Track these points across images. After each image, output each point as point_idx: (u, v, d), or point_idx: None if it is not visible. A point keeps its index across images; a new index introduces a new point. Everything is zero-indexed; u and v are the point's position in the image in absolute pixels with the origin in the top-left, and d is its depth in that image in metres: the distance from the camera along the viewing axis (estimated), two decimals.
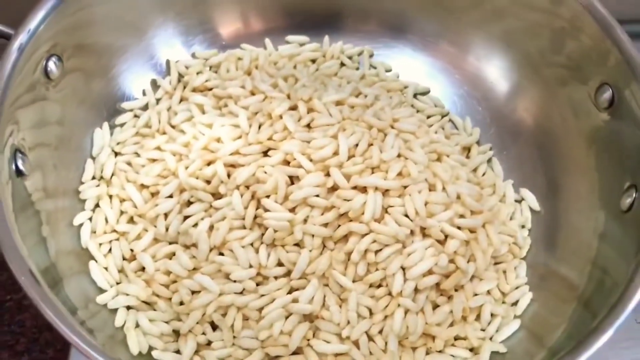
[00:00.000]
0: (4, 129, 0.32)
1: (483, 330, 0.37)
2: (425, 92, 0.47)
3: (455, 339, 0.37)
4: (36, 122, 0.36)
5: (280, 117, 0.40)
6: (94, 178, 0.40)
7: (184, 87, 0.45)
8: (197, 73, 0.45)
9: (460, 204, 0.38)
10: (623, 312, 0.32)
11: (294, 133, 0.39)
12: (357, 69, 0.47)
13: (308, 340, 0.36)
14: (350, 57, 0.48)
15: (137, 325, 0.36)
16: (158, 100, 0.44)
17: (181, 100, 0.44)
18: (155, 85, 0.45)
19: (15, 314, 0.46)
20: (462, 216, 0.38)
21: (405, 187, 0.38)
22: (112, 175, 0.40)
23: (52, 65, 0.37)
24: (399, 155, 0.39)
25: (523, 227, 0.42)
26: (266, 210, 0.37)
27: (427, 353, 0.36)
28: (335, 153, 0.38)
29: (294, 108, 0.41)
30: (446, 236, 0.37)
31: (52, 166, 0.37)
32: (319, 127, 0.40)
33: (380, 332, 0.36)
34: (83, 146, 0.41)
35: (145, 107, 0.44)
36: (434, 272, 0.36)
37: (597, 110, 0.39)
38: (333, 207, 0.37)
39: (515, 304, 0.39)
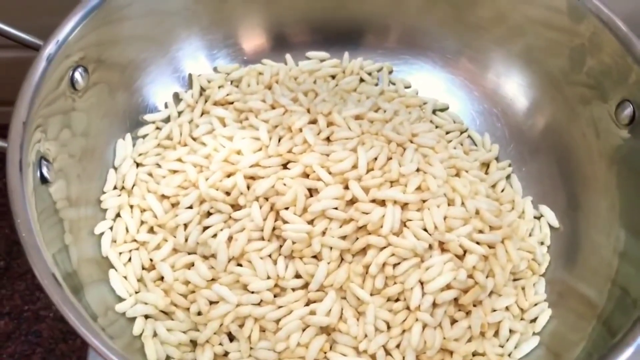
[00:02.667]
0: (31, 136, 0.33)
1: (501, 346, 0.37)
2: (444, 109, 0.47)
3: (474, 354, 0.37)
4: (62, 131, 0.37)
5: (300, 130, 0.40)
6: (115, 188, 0.41)
7: (206, 101, 0.45)
8: (219, 87, 0.45)
9: (479, 220, 0.38)
10: None
11: (314, 146, 0.39)
12: (376, 85, 0.48)
13: (325, 352, 0.35)
14: (369, 73, 0.48)
15: (155, 334, 0.36)
16: (180, 113, 0.45)
17: (202, 114, 0.44)
18: (177, 98, 0.45)
19: (33, 324, 0.47)
20: (480, 231, 0.38)
21: (424, 201, 0.38)
22: (134, 185, 0.41)
23: (78, 76, 0.38)
24: (417, 170, 0.39)
25: (542, 243, 0.42)
26: (285, 222, 0.37)
27: None
28: (355, 166, 0.38)
29: (313, 122, 0.41)
30: (465, 251, 0.37)
31: (75, 175, 0.38)
32: (339, 140, 0.40)
33: (398, 346, 0.36)
34: (105, 156, 0.41)
35: (167, 120, 0.44)
36: (452, 286, 0.36)
37: (617, 127, 0.39)
38: (351, 219, 0.37)
39: (534, 320, 0.39)
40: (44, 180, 0.34)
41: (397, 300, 0.36)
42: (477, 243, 0.37)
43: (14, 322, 0.47)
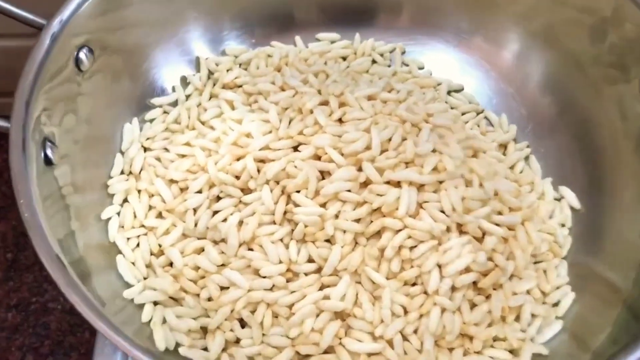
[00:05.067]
0: (35, 116, 0.33)
1: (523, 331, 0.36)
2: (459, 89, 0.46)
3: (494, 339, 0.36)
4: (66, 113, 0.36)
5: (311, 111, 0.40)
6: (122, 173, 0.41)
7: (214, 84, 0.45)
8: (227, 70, 0.45)
9: (497, 201, 0.37)
10: None
11: (325, 127, 0.39)
12: (389, 66, 0.47)
13: (340, 338, 0.35)
14: (381, 55, 0.47)
15: (164, 321, 0.36)
16: (188, 97, 0.45)
17: (211, 97, 0.44)
18: (185, 81, 0.45)
19: (41, 317, 0.47)
20: (500, 213, 0.37)
21: (440, 182, 0.37)
22: (141, 170, 0.41)
23: (83, 56, 0.37)
24: (434, 150, 0.38)
25: (563, 225, 0.41)
26: (296, 205, 0.37)
27: (465, 354, 0.35)
28: (368, 147, 0.37)
29: (324, 103, 0.41)
30: (484, 233, 0.36)
31: (80, 159, 0.37)
32: (351, 121, 0.39)
33: (416, 331, 0.35)
34: (112, 141, 0.41)
35: (174, 103, 0.44)
36: (471, 269, 0.35)
37: None
38: (365, 202, 0.36)
39: (556, 304, 0.38)
40: (48, 161, 0.34)
41: (414, 284, 0.36)
42: (497, 225, 0.36)
43: (21, 314, 0.47)
